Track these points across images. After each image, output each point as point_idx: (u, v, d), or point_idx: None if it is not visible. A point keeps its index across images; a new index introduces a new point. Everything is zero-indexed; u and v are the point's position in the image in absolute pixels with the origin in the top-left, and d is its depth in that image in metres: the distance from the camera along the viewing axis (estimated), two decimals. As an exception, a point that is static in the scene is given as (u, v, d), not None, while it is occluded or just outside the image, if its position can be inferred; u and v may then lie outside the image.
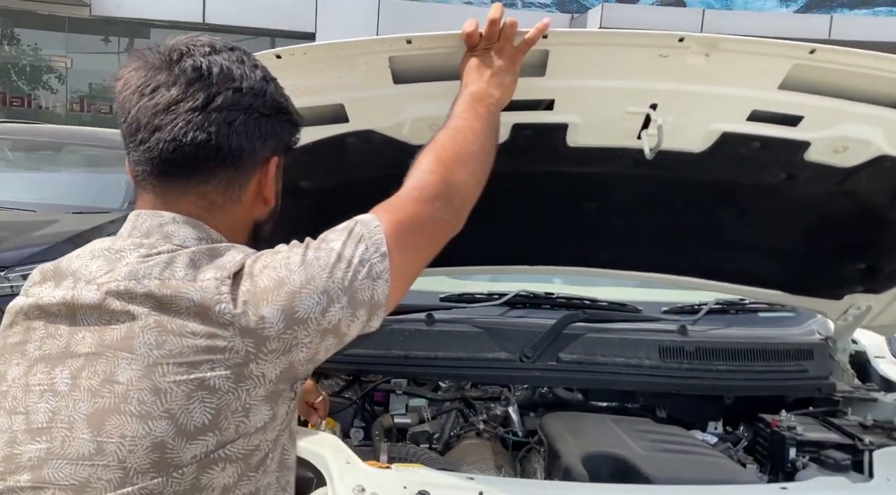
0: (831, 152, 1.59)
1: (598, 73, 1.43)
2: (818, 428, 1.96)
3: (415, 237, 1.00)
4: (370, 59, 1.37)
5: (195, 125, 0.93)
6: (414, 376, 2.08)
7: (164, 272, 0.89)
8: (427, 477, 1.48)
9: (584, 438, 1.77)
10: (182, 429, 0.84)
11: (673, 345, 2.09)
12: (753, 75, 1.43)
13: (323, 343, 0.91)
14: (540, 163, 1.67)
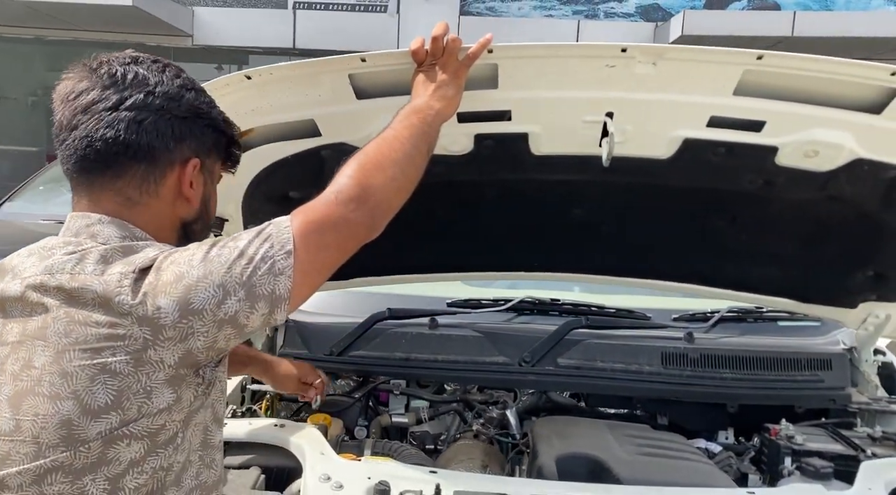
0: (802, 157, 1.57)
1: (550, 84, 1.48)
2: (824, 438, 1.89)
3: (324, 236, 1.05)
4: (332, 78, 1.48)
5: (106, 123, 1.03)
6: (413, 377, 2.16)
7: (75, 267, 0.99)
8: (391, 470, 1.56)
9: (567, 440, 1.79)
10: (86, 408, 0.93)
11: (676, 351, 2.08)
12: (706, 82, 1.44)
13: (221, 332, 0.98)
14: (508, 171, 1.73)
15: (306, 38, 12.37)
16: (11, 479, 0.94)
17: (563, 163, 1.68)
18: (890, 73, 1.37)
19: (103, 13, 10.50)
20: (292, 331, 2.24)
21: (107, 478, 0.95)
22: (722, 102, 1.47)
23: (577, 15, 12.40)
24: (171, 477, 1.00)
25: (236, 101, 1.54)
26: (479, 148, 1.64)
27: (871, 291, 1.96)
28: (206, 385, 1.04)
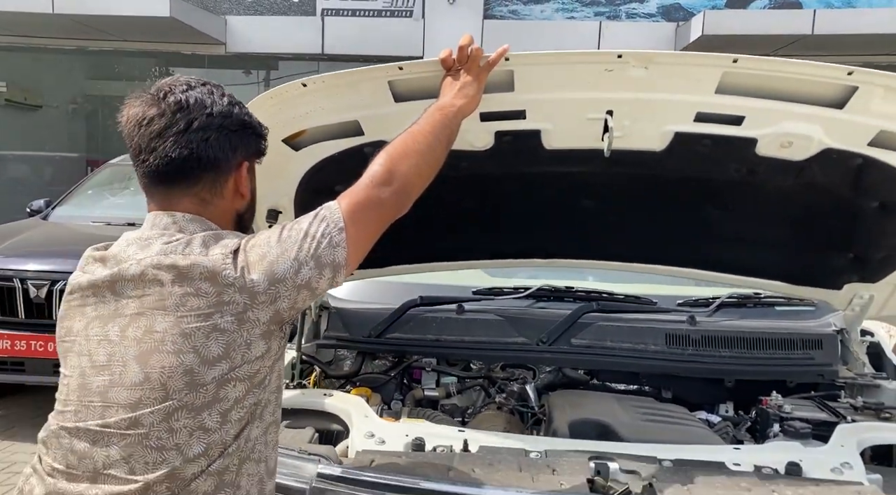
0: (778, 147, 1.79)
1: (558, 86, 1.72)
2: (810, 407, 2.11)
3: (365, 214, 1.29)
4: (374, 84, 1.73)
5: (180, 144, 1.25)
6: (443, 356, 2.42)
7: (185, 249, 1.21)
8: (425, 429, 1.83)
9: (579, 409, 2.04)
10: (204, 359, 1.17)
11: (679, 332, 2.31)
12: (691, 83, 1.68)
13: (299, 295, 1.22)
14: (525, 164, 1.96)
15: (334, 43, 12.70)
16: (145, 418, 1.17)
17: (572, 156, 1.91)
18: (847, 73, 1.60)
19: (142, 24, 10.94)
20: (335, 316, 2.52)
21: (219, 412, 1.19)
22: (706, 100, 1.70)
23: (599, 16, 12.55)
24: (258, 411, 1.24)
25: (292, 105, 1.80)
26: (499, 143, 1.88)
27: (853, 272, 2.17)
28: (285, 338, 1.31)
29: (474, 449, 1.74)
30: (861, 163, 1.82)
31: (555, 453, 1.71)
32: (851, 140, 1.76)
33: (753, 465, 1.67)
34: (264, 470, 1.29)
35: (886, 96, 1.63)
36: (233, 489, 1.22)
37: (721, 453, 1.74)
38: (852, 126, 1.71)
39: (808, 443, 1.83)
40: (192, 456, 1.18)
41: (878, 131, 1.72)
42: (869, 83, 1.61)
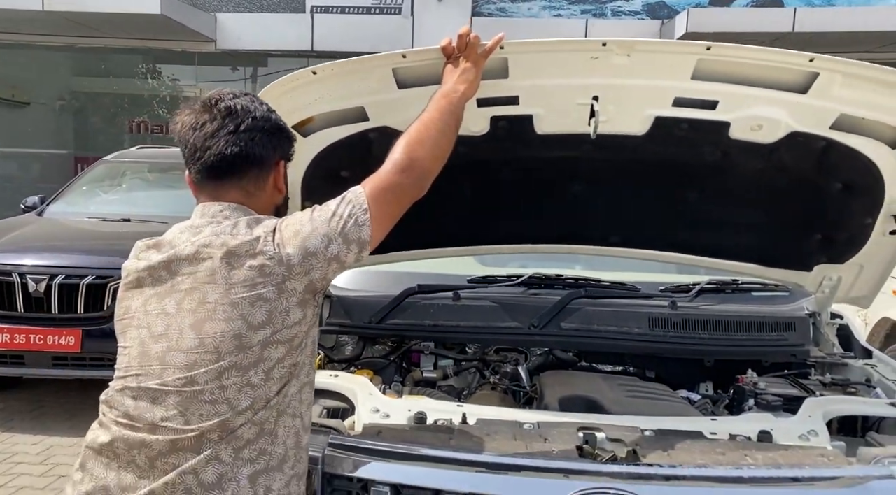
0: (749, 130, 1.94)
1: (549, 73, 1.86)
2: (783, 384, 2.27)
3: (387, 196, 1.46)
4: (380, 71, 1.85)
5: (231, 143, 1.44)
6: (440, 340, 2.56)
7: (233, 230, 1.39)
8: (426, 404, 1.97)
9: (568, 387, 2.19)
10: (251, 325, 1.34)
11: (661, 316, 2.46)
12: (669, 69, 1.83)
13: (329, 267, 1.39)
14: (518, 148, 2.09)
15: (324, 40, 12.79)
16: (200, 377, 1.34)
17: (561, 140, 2.04)
18: (809, 60, 1.75)
19: (133, 21, 10.97)
20: (336, 304, 2.65)
21: (263, 371, 1.36)
22: (683, 86, 1.85)
23: (586, 14, 12.72)
24: (296, 371, 1.41)
25: (302, 93, 1.91)
26: (494, 128, 2.02)
27: (821, 253, 2.33)
28: (319, 307, 1.47)
29: (472, 422, 1.88)
30: (825, 146, 1.96)
31: (546, 424, 1.86)
32: (815, 123, 1.90)
33: (728, 433, 1.83)
34: (300, 425, 1.45)
35: (845, 82, 1.78)
36: (271, 437, 1.38)
37: (699, 423, 1.89)
38: (815, 110, 1.86)
39: (779, 415, 1.98)
40: (240, 408, 1.34)
41: (839, 115, 1.87)
42: (829, 69, 1.76)
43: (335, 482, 1.64)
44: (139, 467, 1.35)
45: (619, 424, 1.85)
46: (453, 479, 1.60)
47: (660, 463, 1.62)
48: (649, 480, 1.56)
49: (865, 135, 1.93)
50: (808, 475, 1.59)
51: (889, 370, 2.31)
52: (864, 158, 1.98)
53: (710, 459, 1.64)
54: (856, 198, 2.11)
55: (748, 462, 1.64)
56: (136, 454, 1.35)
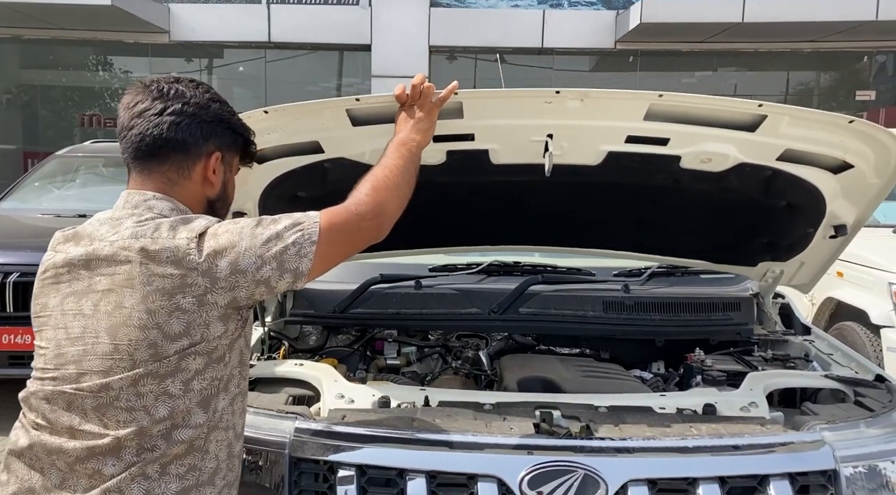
0: (699, 162, 2.05)
1: (503, 115, 1.93)
2: (730, 362, 2.39)
3: (340, 236, 1.39)
4: (333, 112, 1.91)
5: (154, 124, 1.39)
6: (403, 328, 2.63)
7: (154, 233, 1.31)
8: (389, 389, 2.04)
9: (526, 369, 2.28)
10: (167, 334, 1.29)
11: (615, 299, 2.57)
12: (622, 112, 1.91)
13: (257, 289, 1.33)
14: (475, 175, 2.18)
15: (281, 31, 12.68)
16: (115, 383, 1.30)
17: (517, 169, 2.13)
18: (758, 105, 1.85)
19: (82, 12, 10.73)
20: (300, 295, 2.69)
21: (182, 381, 1.32)
22: (635, 126, 1.93)
23: (543, 4, 12.85)
24: (222, 384, 1.38)
25: (258, 130, 1.95)
26: (451, 160, 2.09)
27: (766, 254, 2.47)
28: (243, 321, 1.41)
29: (434, 404, 1.95)
30: (771, 174, 2.09)
31: (505, 405, 1.94)
32: (762, 156, 2.02)
33: (676, 408, 1.94)
34: (233, 436, 1.44)
35: (791, 122, 1.90)
36: (202, 453, 1.37)
37: (648, 399, 2.00)
38: (763, 145, 1.97)
39: (723, 389, 2.10)
40: (158, 417, 1.32)
41: (785, 149, 1.99)
42: (776, 113, 1.87)
43: (302, 465, 1.70)
44: (61, 471, 1.33)
45: (575, 402, 1.94)
46: (416, 459, 1.67)
47: (611, 436, 1.71)
48: (601, 453, 1.66)
49: (809, 165, 2.05)
50: (747, 443, 1.71)
51: (825, 345, 2.46)
52: (808, 184, 2.11)
53: (658, 432, 1.75)
54: (799, 214, 2.24)
55: (693, 433, 1.75)
56: (56, 459, 1.33)
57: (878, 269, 4.59)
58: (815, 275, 2.51)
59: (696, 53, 12.95)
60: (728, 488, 1.63)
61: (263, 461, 1.73)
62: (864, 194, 2.12)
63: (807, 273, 2.51)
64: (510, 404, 1.94)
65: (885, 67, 14.03)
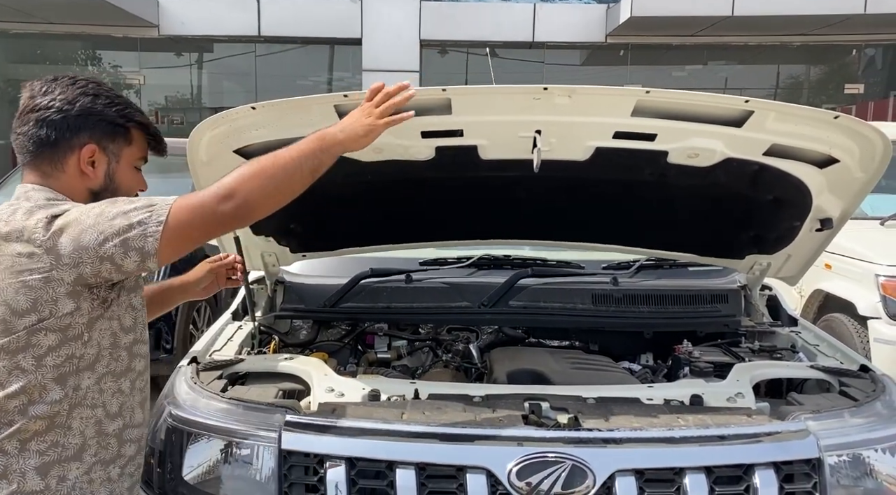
0: (687, 157, 2.07)
1: (491, 111, 1.94)
2: (717, 353, 2.42)
3: (193, 218, 1.37)
4: (321, 108, 1.90)
5: (24, 123, 1.46)
6: (394, 322, 2.64)
7: (10, 216, 1.37)
8: (379, 382, 2.05)
9: (516, 361, 2.30)
10: (14, 310, 1.34)
11: (604, 292, 2.59)
12: (609, 109, 1.92)
13: (102, 266, 1.34)
14: (464, 171, 2.19)
15: (271, 25, 12.62)
16: None
17: (507, 165, 2.14)
18: (745, 101, 1.86)
19: (70, 6, 10.65)
20: (290, 290, 2.70)
21: (34, 357, 1.36)
22: (623, 122, 1.94)
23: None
24: (84, 363, 1.40)
25: (244, 123, 1.96)
26: (440, 156, 2.10)
27: (753, 247, 2.49)
28: (102, 301, 1.41)
29: (424, 397, 1.96)
30: (757, 169, 2.11)
31: (494, 397, 1.96)
32: (749, 151, 2.04)
33: (663, 399, 1.96)
34: (102, 414, 1.46)
35: (778, 118, 1.91)
36: (64, 429, 1.40)
37: (636, 391, 2.02)
38: (749, 140, 1.99)
39: (710, 380, 2.13)
40: (11, 391, 1.36)
41: (771, 144, 2.01)
42: (762, 109, 1.88)
43: (292, 458, 1.71)
44: None
45: (563, 394, 1.96)
46: (405, 451, 1.68)
47: (599, 427, 1.73)
48: (589, 444, 1.68)
49: (796, 160, 2.07)
50: (733, 433, 1.73)
51: (812, 336, 2.49)
52: (794, 178, 2.13)
53: (645, 422, 1.77)
54: (785, 208, 2.26)
55: (679, 423, 1.77)
56: None
57: (866, 261, 4.62)
58: (802, 268, 2.54)
59: (686, 47, 12.99)
60: (714, 477, 1.65)
61: (254, 454, 1.74)
62: (850, 188, 2.14)
63: (794, 265, 2.53)
64: (499, 396, 1.96)
65: (874, 61, 14.11)
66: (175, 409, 1.86)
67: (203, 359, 2.21)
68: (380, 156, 2.11)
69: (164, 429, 1.85)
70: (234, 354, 2.27)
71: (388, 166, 2.14)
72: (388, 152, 2.09)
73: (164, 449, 1.83)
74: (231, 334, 2.44)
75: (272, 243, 2.51)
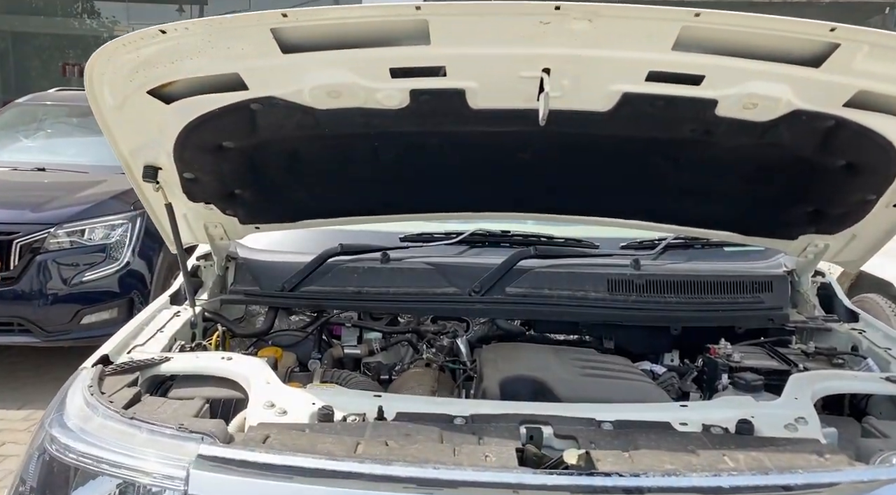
0: (741, 108, 1.58)
1: (484, 41, 1.45)
2: (760, 355, 1.96)
3: None
4: (255, 32, 1.43)
5: None
6: (366, 310, 2.19)
7: None
8: (335, 396, 1.60)
9: (511, 364, 1.84)
10: None
11: (622, 277, 2.12)
12: (643, 39, 1.42)
13: None
14: (447, 124, 1.71)
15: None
16: None
17: (503, 116, 1.66)
18: (829, 30, 1.37)
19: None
20: (242, 268, 2.24)
21: None
22: (661, 58, 1.46)
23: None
24: None
25: (155, 53, 1.50)
26: (416, 103, 1.62)
27: (810, 225, 2.01)
28: None
29: (391, 417, 1.51)
30: (832, 125, 1.63)
31: (482, 418, 1.51)
32: (825, 101, 1.56)
33: (702, 425, 1.50)
34: None
35: (872, 53, 1.42)
36: None
37: (666, 411, 1.56)
38: (827, 86, 1.51)
39: (759, 397, 1.67)
40: None
41: (857, 91, 1.53)
42: (852, 40, 1.39)
43: (204, 507, 1.27)
44: None
45: (571, 415, 1.51)
46: (356, 501, 1.24)
47: (619, 470, 1.28)
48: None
49: (886, 113, 1.59)
50: (803, 482, 1.27)
51: (879, 336, 2.01)
52: (879, 139, 1.65)
53: (682, 463, 1.31)
54: (860, 177, 1.79)
55: (727, 465, 1.31)
56: None
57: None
58: (867, 252, 2.06)
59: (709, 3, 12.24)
60: (777, 547, 1.21)
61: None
62: None
63: (857, 248, 2.05)
64: (489, 417, 1.51)
65: (904, 20, 13.46)
66: (58, 432, 1.41)
67: (119, 355, 1.76)
68: (336, 102, 1.62)
69: (41, 461, 1.40)
70: (160, 350, 1.82)
71: (348, 115, 1.66)
72: (347, 97, 1.61)
73: (40, 488, 1.39)
74: (163, 323, 1.99)
75: (215, 212, 2.04)
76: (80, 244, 4.50)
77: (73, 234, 4.48)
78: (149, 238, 4.67)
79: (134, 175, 1.85)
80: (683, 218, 2.12)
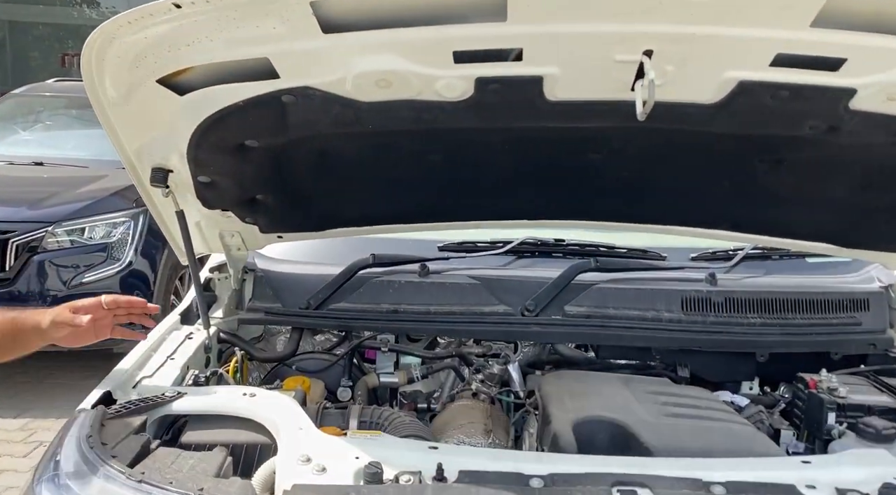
0: (884, 100, 1.30)
1: (576, 15, 1.18)
2: (868, 389, 1.70)
3: None
4: (293, 9, 1.17)
5: None
6: (403, 331, 1.93)
7: None
8: (383, 447, 1.32)
9: (582, 401, 1.57)
10: None
11: (698, 295, 1.86)
12: (777, 11, 1.15)
13: None
14: (514, 119, 1.44)
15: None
16: None
17: (586, 109, 1.39)
18: None
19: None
20: (262, 282, 1.98)
21: None
22: (794, 37, 1.19)
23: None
24: None
25: (167, 32, 1.23)
26: (481, 93, 1.35)
27: None
28: None
29: (453, 477, 1.24)
30: None
31: (564, 478, 1.24)
32: None
33: (835, 489, 1.23)
34: None
35: None
36: None
37: (786, 469, 1.28)
38: None
39: (893, 449, 1.39)
40: None
41: None
42: None
43: None
44: None
45: (670, 474, 1.24)
46: None
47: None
48: None
49: None
50: None
51: None
52: None
53: None
54: None
55: (883, 550, 1.05)
56: None
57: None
58: None
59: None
60: None
61: None
62: None
63: None
64: (571, 478, 1.24)
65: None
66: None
67: (124, 391, 1.49)
68: (384, 93, 1.34)
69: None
70: (171, 383, 1.55)
71: (394, 109, 1.38)
72: (398, 87, 1.33)
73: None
74: (174, 348, 1.71)
75: (233, 220, 1.77)
76: (79, 243, 4.28)
77: (73, 233, 4.26)
78: (152, 236, 4.45)
79: (140, 178, 1.58)
80: (775, 228, 1.84)
